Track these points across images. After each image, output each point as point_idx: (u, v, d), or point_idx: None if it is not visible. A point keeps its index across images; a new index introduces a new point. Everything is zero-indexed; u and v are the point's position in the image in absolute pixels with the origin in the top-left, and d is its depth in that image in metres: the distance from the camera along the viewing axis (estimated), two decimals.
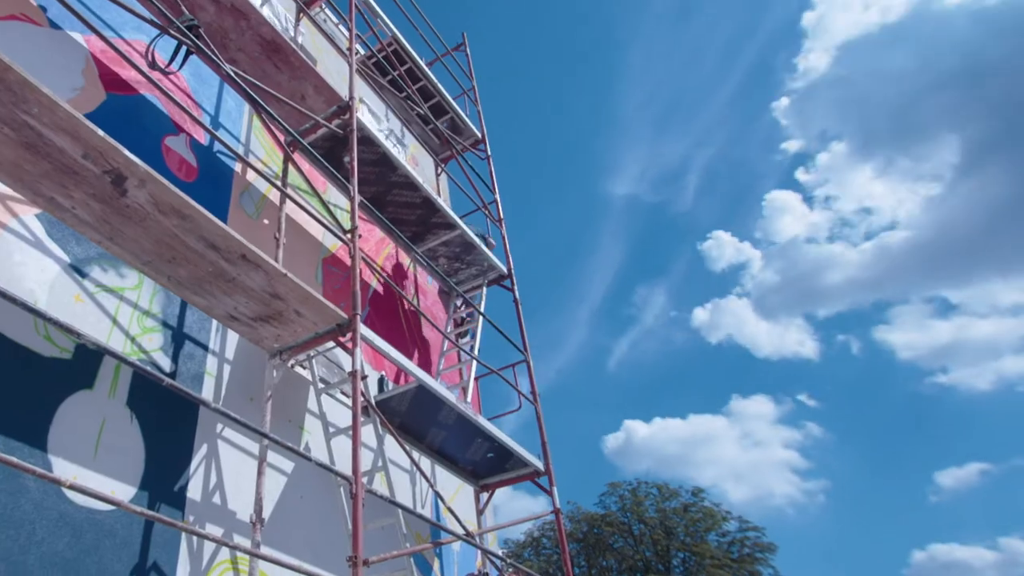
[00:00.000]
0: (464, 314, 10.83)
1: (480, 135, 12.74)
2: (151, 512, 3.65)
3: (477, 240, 9.50)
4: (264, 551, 5.07)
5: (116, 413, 4.77)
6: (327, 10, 10.77)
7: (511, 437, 7.96)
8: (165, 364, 5.36)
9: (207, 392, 5.64)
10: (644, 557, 39.31)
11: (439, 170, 12.73)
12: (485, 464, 8.38)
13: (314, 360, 6.67)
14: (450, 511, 6.54)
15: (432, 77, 11.72)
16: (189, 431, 5.32)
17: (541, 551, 39.36)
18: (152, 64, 5.83)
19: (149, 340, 5.29)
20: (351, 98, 7.23)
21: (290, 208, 7.46)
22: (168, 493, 4.94)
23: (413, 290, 10.26)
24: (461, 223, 9.12)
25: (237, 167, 7.06)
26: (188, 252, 4.76)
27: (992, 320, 77.44)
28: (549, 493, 8.45)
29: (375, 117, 11.17)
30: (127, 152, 4.10)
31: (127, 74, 6.02)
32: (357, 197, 6.51)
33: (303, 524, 6.01)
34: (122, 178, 4.20)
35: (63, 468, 4.24)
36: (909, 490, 71.15)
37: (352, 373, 5.39)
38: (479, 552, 8.36)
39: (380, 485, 7.34)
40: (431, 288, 10.80)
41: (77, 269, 4.91)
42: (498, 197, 11.81)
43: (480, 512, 8.74)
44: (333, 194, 8.77)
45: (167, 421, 5.14)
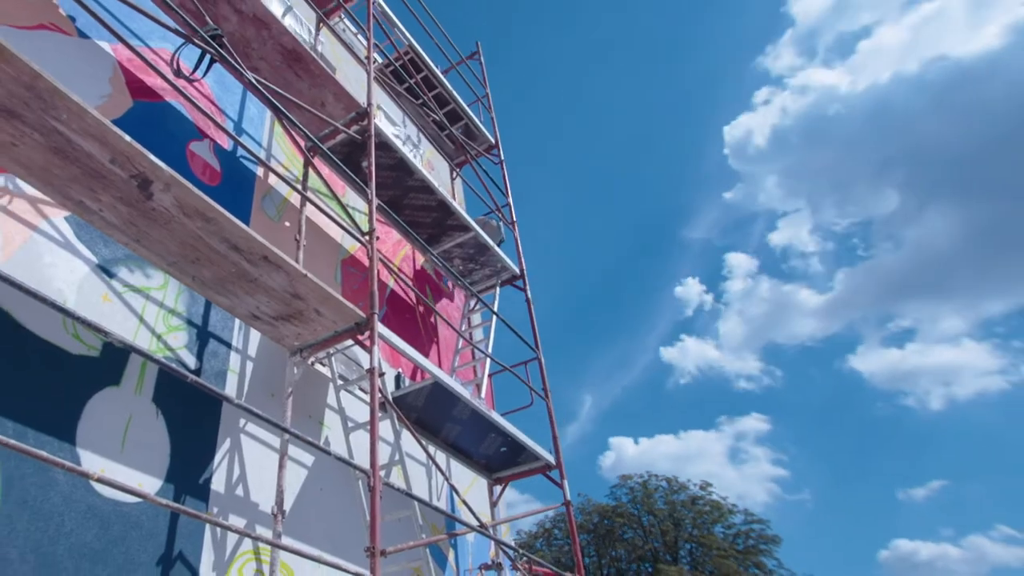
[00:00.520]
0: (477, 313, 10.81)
1: (493, 141, 12.71)
2: (176, 504, 3.63)
3: (491, 242, 9.48)
4: (285, 542, 5.06)
5: (142, 409, 4.76)
6: (346, 20, 10.77)
7: (523, 432, 7.94)
8: (190, 361, 5.36)
9: (230, 388, 5.63)
10: (653, 548, 39.24)
11: (454, 174, 12.71)
12: (498, 458, 8.36)
13: (333, 357, 6.65)
14: (465, 503, 6.51)
15: (447, 84, 11.70)
16: (213, 426, 5.31)
17: (553, 542, 39.32)
18: (177, 72, 5.83)
19: (174, 338, 5.28)
20: (369, 105, 7.21)
21: (310, 211, 7.45)
22: (193, 486, 4.93)
23: (429, 290, 10.25)
24: (475, 225, 9.09)
25: (259, 171, 7.06)
26: (212, 253, 4.75)
27: (943, 346, 79.68)
28: (560, 486, 8.41)
29: (392, 123, 11.16)
30: (153, 157, 4.09)
31: (153, 81, 6.03)
32: (375, 200, 6.50)
33: (323, 516, 5.99)
34: (148, 182, 4.20)
35: (91, 462, 4.24)
36: (876, 497, 72.28)
37: (370, 370, 5.37)
38: (493, 543, 8.33)
39: (397, 478, 7.32)
40: (447, 288, 10.78)
41: (105, 270, 4.91)
42: (511, 200, 11.79)
43: (494, 504, 8.71)
44: (352, 197, 8.76)
45: (191, 417, 5.14)
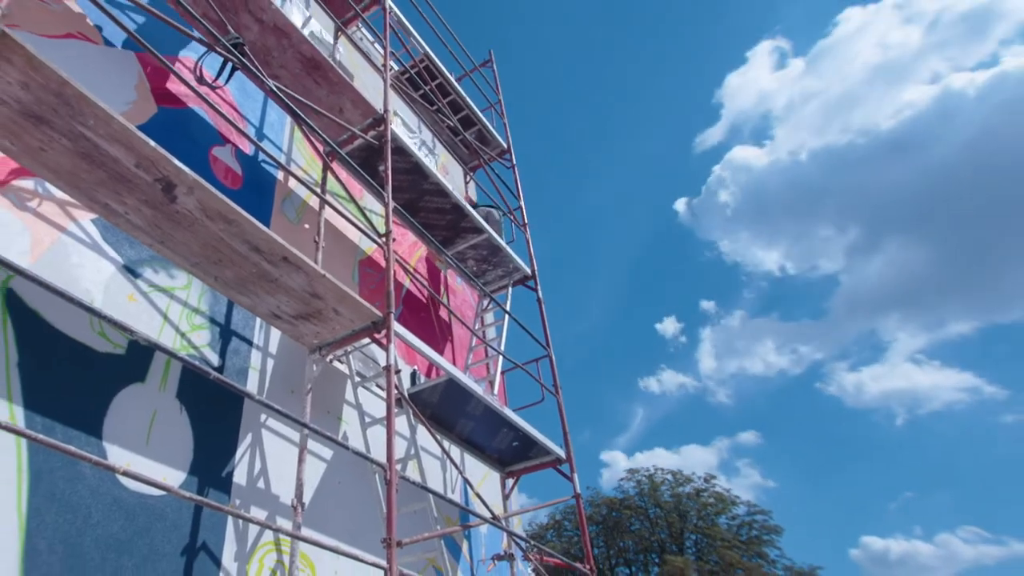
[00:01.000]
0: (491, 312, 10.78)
1: (506, 145, 12.68)
2: (199, 497, 3.62)
3: (504, 244, 9.45)
4: (304, 533, 5.04)
5: (166, 405, 4.75)
6: (363, 29, 10.76)
7: (534, 427, 7.91)
8: (213, 359, 5.35)
9: (251, 385, 5.62)
10: (659, 538, 39.17)
11: (468, 178, 12.70)
12: (510, 452, 8.33)
13: (351, 355, 6.63)
14: (478, 496, 6.49)
15: (461, 91, 11.67)
16: (235, 421, 5.30)
17: (563, 533, 39.35)
18: (200, 79, 5.82)
19: (197, 337, 5.28)
20: (385, 111, 7.20)
21: (329, 214, 7.44)
22: (215, 479, 4.92)
23: (443, 290, 10.23)
24: (488, 228, 9.07)
25: (279, 175, 7.05)
26: (234, 255, 4.74)
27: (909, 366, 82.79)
28: (570, 479, 8.38)
29: (408, 129, 11.15)
30: (177, 161, 4.08)
31: (177, 89, 6.02)
32: (391, 203, 6.48)
33: (341, 508, 5.98)
34: (172, 186, 4.18)
35: (117, 456, 4.23)
36: (845, 501, 73.66)
37: (387, 367, 5.35)
38: (505, 534, 8.31)
39: (412, 472, 7.30)
40: (460, 288, 10.76)
41: (130, 270, 4.90)
42: (523, 203, 11.76)
43: (506, 497, 8.68)
44: (369, 200, 8.75)
45: (214, 412, 5.12)
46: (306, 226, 7.12)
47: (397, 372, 5.39)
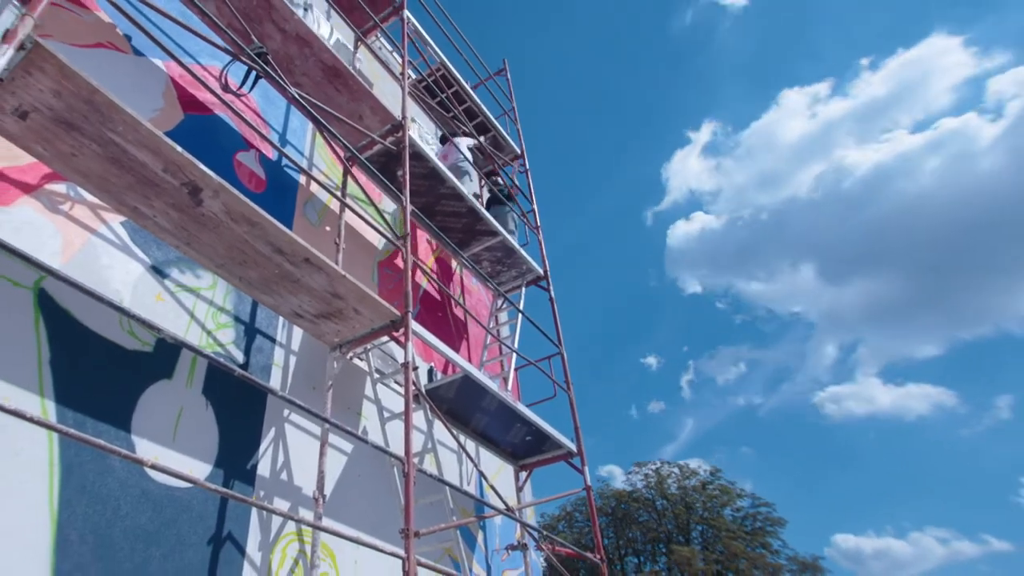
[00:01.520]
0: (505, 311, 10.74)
1: (519, 151, 12.63)
2: (224, 489, 3.59)
3: (518, 246, 9.41)
4: (326, 523, 5.01)
5: (193, 400, 4.74)
6: (382, 39, 10.75)
7: (547, 421, 7.87)
8: (237, 356, 5.33)
9: (275, 382, 5.60)
10: (666, 530, 39.09)
11: (483, 183, 12.65)
12: (524, 446, 8.29)
13: (370, 353, 6.61)
14: (492, 488, 6.46)
15: (476, 99, 11.63)
16: (258, 416, 5.27)
17: (574, 524, 39.33)
18: (225, 87, 5.81)
19: (223, 335, 5.26)
20: (403, 118, 7.17)
21: (349, 216, 7.42)
22: (240, 471, 4.90)
23: (459, 290, 10.20)
24: (503, 230, 9.03)
25: (301, 179, 7.03)
26: (257, 256, 4.72)
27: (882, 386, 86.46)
28: (581, 472, 8.33)
29: (425, 138, 11.12)
30: (203, 166, 4.05)
31: (203, 96, 6.01)
32: (409, 207, 6.45)
33: (360, 500, 5.95)
34: (198, 189, 4.16)
35: (145, 449, 4.21)
36: (815, 505, 74.18)
37: (404, 364, 5.32)
38: (518, 525, 8.27)
39: (429, 465, 7.28)
40: (475, 288, 10.73)
41: (158, 271, 4.89)
42: (536, 207, 11.71)
43: (519, 489, 8.64)
44: (387, 204, 8.73)
45: (239, 407, 5.10)
46: (327, 228, 7.10)
47: (415, 369, 5.36)
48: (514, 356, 9.60)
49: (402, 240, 6.11)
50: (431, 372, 8.00)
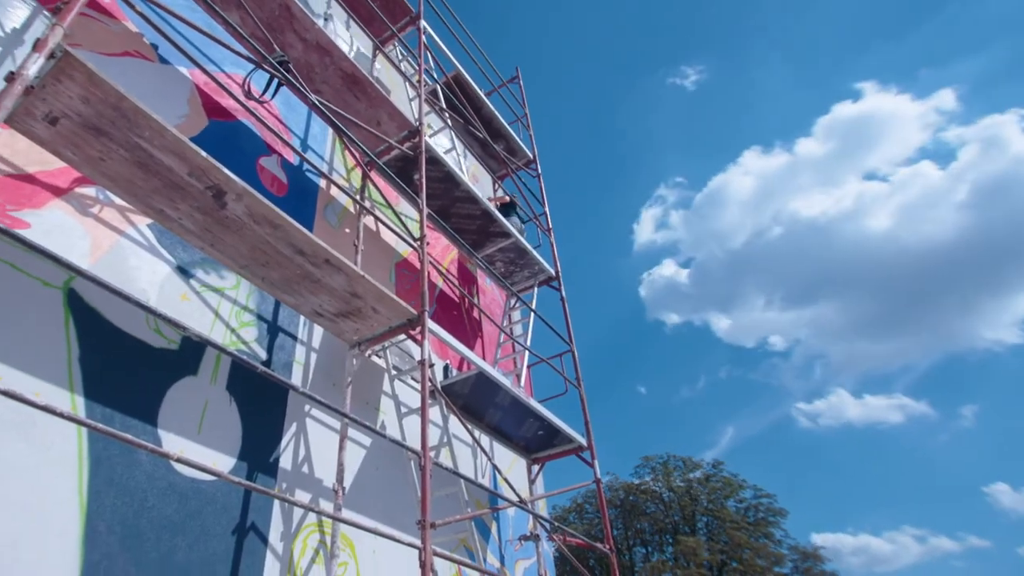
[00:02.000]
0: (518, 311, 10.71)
1: (532, 156, 12.58)
2: (247, 482, 3.57)
3: (530, 247, 9.37)
4: (345, 515, 4.99)
5: (217, 396, 4.71)
6: (400, 48, 10.72)
7: (558, 417, 7.82)
8: (260, 354, 5.30)
9: (296, 378, 5.57)
10: (673, 520, 38.94)
11: (496, 186, 12.61)
12: (536, 440, 8.24)
13: (388, 350, 6.58)
14: (506, 481, 6.41)
15: (490, 105, 11.60)
16: (280, 412, 5.25)
17: (584, 515, 39.22)
18: (248, 94, 5.80)
19: (246, 333, 5.23)
20: (420, 123, 7.14)
21: (367, 219, 7.40)
22: (262, 465, 4.87)
23: (474, 289, 10.17)
24: (516, 232, 8.99)
25: (321, 183, 7.01)
26: (279, 257, 4.69)
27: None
28: (591, 465, 8.28)
29: (442, 144, 11.10)
30: (226, 170, 4.03)
31: (226, 103, 5.99)
32: (425, 210, 6.42)
33: (378, 492, 5.92)
34: (222, 193, 4.14)
35: (171, 443, 4.19)
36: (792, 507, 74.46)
37: (421, 362, 5.29)
38: (531, 517, 8.23)
39: (445, 458, 7.24)
40: (489, 288, 10.69)
41: (183, 271, 4.87)
42: (547, 210, 11.67)
43: (531, 482, 8.60)
44: (405, 207, 8.70)
45: (261, 403, 5.07)
46: (346, 230, 7.07)
47: (431, 366, 5.33)
48: (526, 353, 9.57)
49: (419, 241, 6.08)
50: (447, 369, 7.97)
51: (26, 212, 3.95)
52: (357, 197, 6.18)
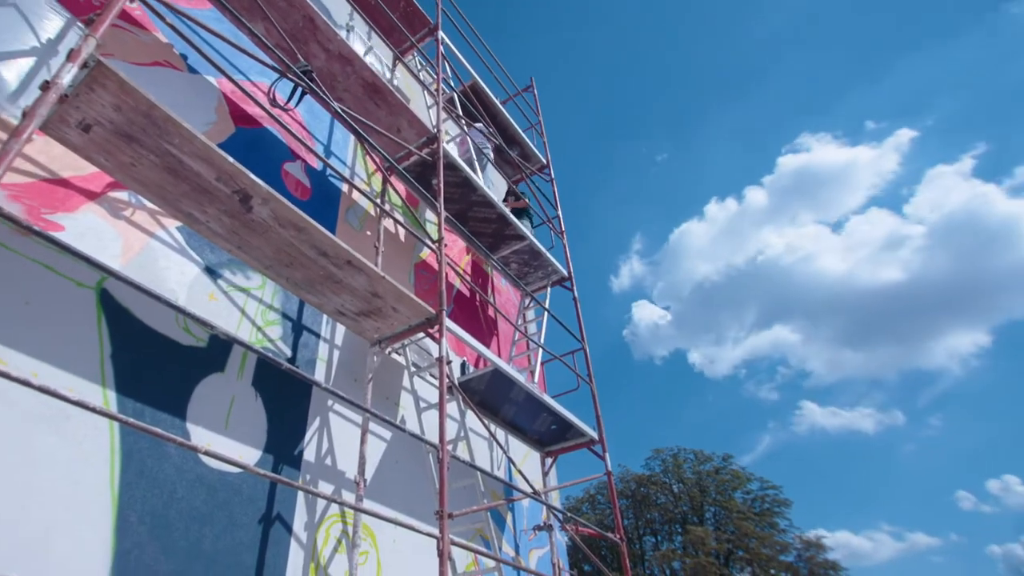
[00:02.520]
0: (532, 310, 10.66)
1: (545, 161, 12.53)
2: (272, 474, 3.54)
3: (544, 249, 9.32)
4: (366, 505, 4.97)
5: (243, 392, 4.70)
6: (419, 58, 10.70)
7: (570, 411, 7.78)
8: (284, 351, 5.29)
9: (319, 374, 5.56)
10: (682, 511, 38.78)
11: (510, 189, 12.57)
12: (549, 434, 8.19)
13: (407, 348, 6.56)
14: (520, 473, 6.38)
15: (505, 113, 11.56)
16: (304, 407, 5.23)
17: (596, 506, 39.15)
18: (273, 102, 5.79)
19: (271, 331, 5.22)
20: (438, 130, 7.11)
21: (387, 222, 7.38)
22: (287, 457, 4.86)
23: (490, 289, 10.13)
24: (530, 235, 8.94)
25: (344, 188, 6.99)
26: (303, 258, 4.67)
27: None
28: (602, 458, 8.23)
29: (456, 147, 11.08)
30: (253, 176, 4.01)
31: (253, 110, 5.98)
32: (443, 213, 6.38)
33: (398, 483, 5.90)
34: (248, 197, 4.12)
35: (199, 437, 4.18)
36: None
37: (439, 359, 5.25)
38: (544, 507, 8.18)
39: (462, 451, 7.21)
40: (504, 288, 10.65)
41: (211, 272, 4.86)
42: (560, 213, 11.61)
43: (545, 474, 8.55)
44: (423, 210, 8.68)
45: (286, 398, 5.06)
46: (368, 233, 7.05)
47: (448, 363, 5.29)
48: (540, 351, 9.53)
49: (437, 244, 6.05)
50: (464, 366, 7.93)
51: (60, 215, 3.95)
52: (378, 201, 6.16)
